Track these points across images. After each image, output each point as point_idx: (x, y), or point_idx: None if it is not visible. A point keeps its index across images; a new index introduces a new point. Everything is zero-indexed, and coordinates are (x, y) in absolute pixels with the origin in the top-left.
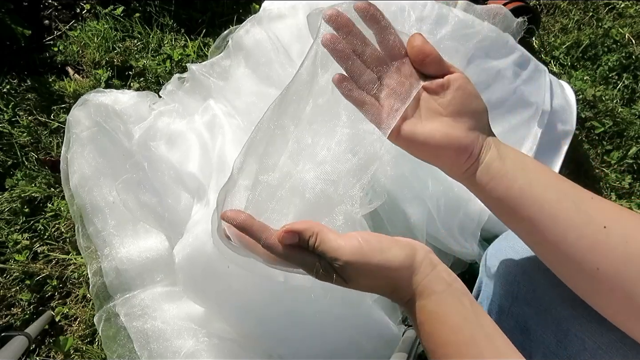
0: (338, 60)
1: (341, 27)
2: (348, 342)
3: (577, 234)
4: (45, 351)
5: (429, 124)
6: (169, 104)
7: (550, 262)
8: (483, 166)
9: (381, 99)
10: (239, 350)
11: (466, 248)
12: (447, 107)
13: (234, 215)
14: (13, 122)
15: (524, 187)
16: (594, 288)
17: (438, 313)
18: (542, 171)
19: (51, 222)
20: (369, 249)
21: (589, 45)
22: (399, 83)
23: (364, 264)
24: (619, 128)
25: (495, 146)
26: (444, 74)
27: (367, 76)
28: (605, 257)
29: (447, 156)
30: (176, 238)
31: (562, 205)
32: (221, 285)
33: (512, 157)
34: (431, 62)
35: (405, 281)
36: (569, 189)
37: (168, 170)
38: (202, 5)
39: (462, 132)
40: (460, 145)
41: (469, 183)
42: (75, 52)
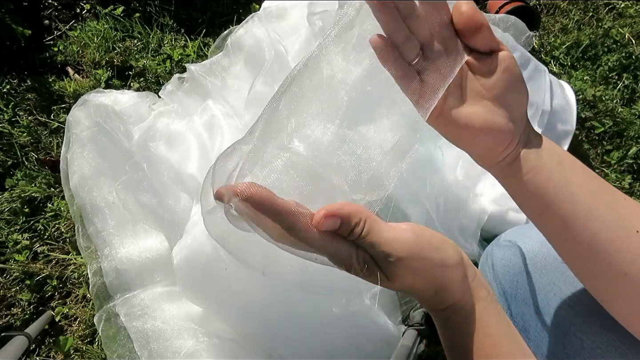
0: (382, 17)
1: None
2: (348, 343)
3: (609, 236)
4: (45, 351)
5: (470, 107)
6: (168, 104)
7: (575, 262)
8: (521, 156)
9: (422, 72)
10: (239, 350)
11: (466, 248)
12: (491, 89)
13: (253, 190)
14: (13, 122)
15: (560, 183)
16: (618, 293)
17: (480, 323)
18: (577, 167)
19: (51, 222)
20: (426, 244)
21: (589, 45)
22: (442, 56)
23: (420, 261)
24: (619, 128)
25: (533, 136)
26: (492, 50)
27: (410, 43)
28: (635, 262)
29: (484, 144)
30: (175, 238)
31: (596, 205)
32: (220, 286)
33: (549, 149)
34: (481, 34)
35: (456, 283)
36: (602, 188)
37: (167, 171)
38: (202, 5)
39: (503, 119)
40: (500, 133)
41: (501, 173)
42: (75, 52)
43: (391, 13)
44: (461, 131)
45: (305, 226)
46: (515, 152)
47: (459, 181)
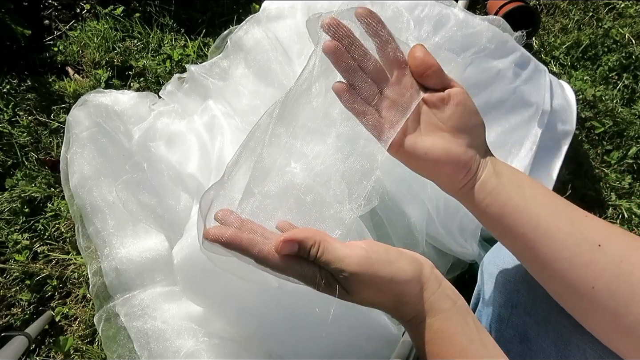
0: (340, 69)
1: (341, 37)
2: (348, 342)
3: (572, 252)
4: (45, 351)
5: (429, 139)
6: (168, 104)
7: (544, 280)
8: (479, 183)
9: (381, 110)
10: (239, 350)
11: (466, 248)
12: (446, 121)
13: (218, 232)
14: (13, 122)
15: (520, 204)
16: (587, 307)
17: (444, 332)
18: (538, 189)
19: (51, 222)
20: (377, 259)
21: (589, 45)
22: (400, 94)
23: (371, 276)
24: (619, 128)
25: (492, 163)
26: (445, 87)
27: (369, 87)
28: (600, 275)
29: (444, 172)
30: (176, 238)
31: (557, 223)
32: (220, 286)
33: (508, 174)
34: (433, 74)
35: (413, 297)
36: (563, 207)
37: (167, 171)
38: (202, 5)
39: (461, 148)
40: (459, 161)
41: (464, 199)
42: (75, 52)
43: (347, 63)
44: (421, 162)
45: (268, 255)
46: (474, 179)
47: None
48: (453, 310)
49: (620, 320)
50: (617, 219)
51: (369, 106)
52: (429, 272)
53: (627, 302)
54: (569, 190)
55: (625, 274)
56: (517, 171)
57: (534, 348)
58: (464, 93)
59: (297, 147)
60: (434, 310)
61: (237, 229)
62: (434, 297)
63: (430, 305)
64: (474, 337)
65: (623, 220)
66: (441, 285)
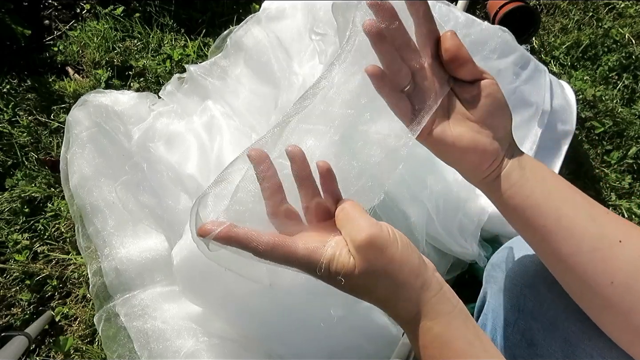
0: (379, 51)
1: (385, 16)
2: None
3: (592, 246)
4: (45, 351)
5: (457, 127)
6: (168, 104)
7: (561, 274)
8: (504, 174)
9: (412, 97)
10: (239, 350)
11: (466, 248)
12: (475, 113)
13: (212, 226)
14: (13, 122)
15: (542, 197)
16: (603, 302)
17: (444, 337)
18: (560, 183)
19: (51, 222)
20: (393, 234)
21: (589, 45)
22: (430, 81)
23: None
24: (619, 128)
25: (517, 156)
26: (476, 79)
27: (403, 72)
28: (619, 271)
29: (470, 161)
30: (175, 239)
31: (578, 217)
32: (220, 286)
33: (532, 167)
34: (465, 67)
35: (413, 292)
36: (585, 202)
37: (167, 171)
38: (202, 5)
39: (488, 139)
40: (485, 152)
41: (487, 189)
42: (75, 52)
43: (388, 45)
44: (449, 149)
45: (266, 249)
46: (499, 169)
47: (459, 181)
48: (453, 314)
49: (635, 318)
50: None
51: (402, 94)
52: (431, 273)
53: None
54: None
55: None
56: (541, 165)
57: (541, 353)
58: (494, 85)
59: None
60: (434, 313)
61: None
62: (435, 299)
63: (431, 307)
64: (474, 341)
65: None
66: (442, 288)
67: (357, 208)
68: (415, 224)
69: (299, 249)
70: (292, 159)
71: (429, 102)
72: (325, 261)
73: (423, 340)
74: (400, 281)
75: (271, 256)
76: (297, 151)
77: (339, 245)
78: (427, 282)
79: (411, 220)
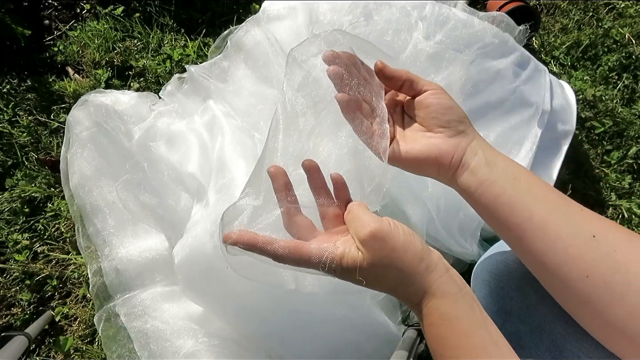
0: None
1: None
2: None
3: (566, 244)
4: (45, 351)
5: (411, 141)
6: (168, 104)
7: (538, 272)
8: (469, 172)
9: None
10: (239, 350)
11: (466, 248)
12: (423, 123)
13: (237, 237)
14: (13, 122)
15: (513, 196)
16: (581, 298)
17: (451, 315)
18: (533, 182)
19: (51, 222)
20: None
21: (589, 45)
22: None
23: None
24: (619, 128)
25: (483, 152)
26: (417, 94)
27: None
28: (594, 266)
29: (429, 165)
30: (176, 238)
31: (551, 215)
32: (221, 285)
33: (503, 165)
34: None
35: (418, 275)
36: (558, 200)
37: (168, 171)
38: (202, 5)
39: (439, 140)
40: (439, 152)
41: (459, 189)
42: (75, 52)
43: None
44: (405, 161)
45: (283, 253)
46: (461, 166)
47: None
48: (459, 295)
49: (613, 312)
50: (617, 219)
51: (364, 119)
52: (437, 258)
53: (622, 293)
54: (569, 190)
55: (620, 265)
56: (513, 163)
57: (528, 355)
58: (435, 93)
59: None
60: (440, 292)
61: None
62: (441, 279)
63: (437, 286)
64: (479, 323)
65: (623, 220)
66: (449, 271)
67: (361, 207)
68: (415, 224)
69: (312, 250)
70: (308, 171)
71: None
72: (337, 258)
73: (430, 318)
74: (405, 266)
75: (289, 259)
76: (312, 165)
77: (347, 243)
78: (432, 265)
79: (412, 220)
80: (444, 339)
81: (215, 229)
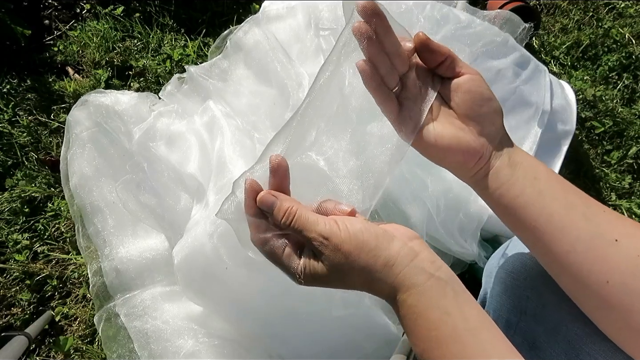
0: (368, 50)
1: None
2: (348, 342)
3: (586, 246)
4: (45, 351)
5: (439, 126)
6: (168, 104)
7: (557, 274)
8: (492, 172)
9: (401, 100)
10: (240, 350)
11: (466, 248)
12: (456, 109)
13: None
14: (13, 122)
15: (533, 196)
16: (600, 302)
17: (418, 307)
18: (554, 182)
19: (51, 222)
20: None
21: (589, 45)
22: (417, 86)
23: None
24: (619, 128)
25: (508, 153)
26: (456, 75)
27: (392, 74)
28: (615, 270)
29: (454, 159)
30: (176, 238)
31: (572, 216)
32: (220, 285)
33: (525, 165)
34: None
35: (378, 272)
36: (579, 200)
37: (167, 171)
38: (202, 5)
39: (471, 135)
40: (469, 148)
41: (477, 187)
42: (75, 52)
43: (376, 47)
44: (431, 149)
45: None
46: (487, 166)
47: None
48: (428, 284)
49: (634, 317)
50: None
51: (390, 92)
52: (400, 246)
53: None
54: None
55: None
56: (534, 162)
57: (543, 356)
58: (474, 79)
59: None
60: (405, 286)
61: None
62: (404, 272)
63: (401, 280)
64: (452, 310)
65: None
66: (415, 259)
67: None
68: (415, 224)
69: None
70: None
71: (417, 105)
72: (300, 270)
73: (400, 312)
74: (362, 267)
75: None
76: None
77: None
78: (390, 259)
79: (411, 220)
80: (414, 332)
81: (214, 229)
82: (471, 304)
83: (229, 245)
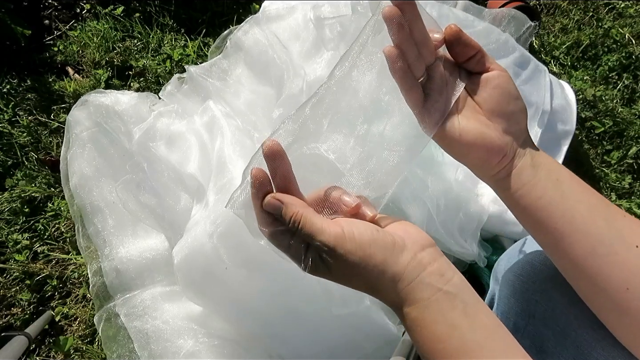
0: (397, 36)
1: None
2: (348, 342)
3: (607, 250)
4: (45, 351)
5: (464, 120)
6: (168, 104)
7: (574, 277)
8: (515, 172)
9: (425, 87)
10: (239, 350)
11: (466, 249)
12: (483, 104)
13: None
14: (13, 122)
15: (555, 198)
16: (618, 308)
17: (424, 320)
18: (576, 184)
19: (51, 222)
20: (350, 238)
21: (589, 45)
22: (444, 78)
23: (344, 255)
24: (619, 128)
25: (530, 153)
26: (485, 70)
27: (419, 62)
28: (636, 276)
29: (477, 155)
30: (176, 238)
31: (593, 220)
32: (220, 285)
33: (547, 167)
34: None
35: (383, 286)
36: (601, 204)
37: (167, 171)
38: (202, 5)
39: (496, 133)
40: (493, 146)
41: (497, 187)
42: (75, 52)
43: (405, 33)
44: (455, 143)
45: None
46: (509, 166)
47: (460, 181)
48: (434, 298)
49: None
50: None
51: (416, 81)
52: (409, 260)
53: None
54: None
55: None
56: (556, 164)
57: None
58: (502, 76)
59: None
60: (409, 300)
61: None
62: (409, 287)
63: (405, 295)
64: (459, 322)
65: None
66: (422, 274)
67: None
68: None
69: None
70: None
71: (442, 97)
72: (306, 264)
73: (405, 323)
74: (367, 279)
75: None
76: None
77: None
78: (398, 274)
79: (412, 220)
80: (418, 343)
81: (214, 229)
82: (482, 314)
83: (229, 246)
